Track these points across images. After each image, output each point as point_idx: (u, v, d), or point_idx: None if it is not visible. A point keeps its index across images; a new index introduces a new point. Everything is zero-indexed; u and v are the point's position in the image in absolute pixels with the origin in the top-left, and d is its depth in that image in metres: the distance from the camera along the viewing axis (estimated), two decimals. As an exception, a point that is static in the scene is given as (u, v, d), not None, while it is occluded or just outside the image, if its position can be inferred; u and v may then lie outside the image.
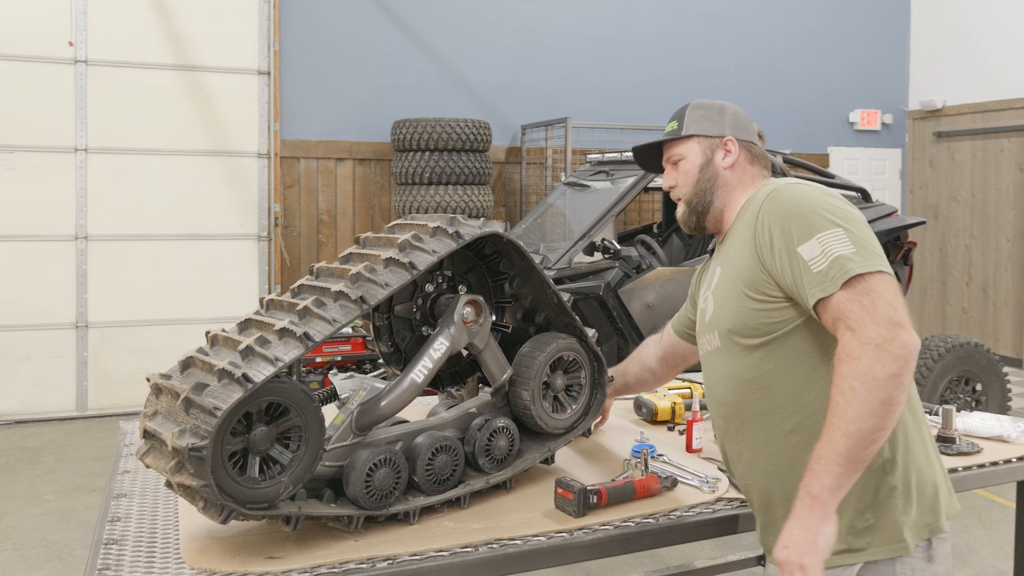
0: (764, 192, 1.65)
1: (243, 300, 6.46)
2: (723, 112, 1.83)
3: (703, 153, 1.79)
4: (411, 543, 1.67)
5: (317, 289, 1.74)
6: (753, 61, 8.21)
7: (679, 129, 1.82)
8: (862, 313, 1.39)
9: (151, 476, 2.05)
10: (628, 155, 5.29)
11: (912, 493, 1.57)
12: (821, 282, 1.44)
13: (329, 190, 7.03)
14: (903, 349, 1.36)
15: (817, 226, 1.49)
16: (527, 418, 2.01)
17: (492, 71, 7.42)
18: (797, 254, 1.49)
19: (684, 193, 1.82)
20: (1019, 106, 7.51)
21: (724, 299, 1.67)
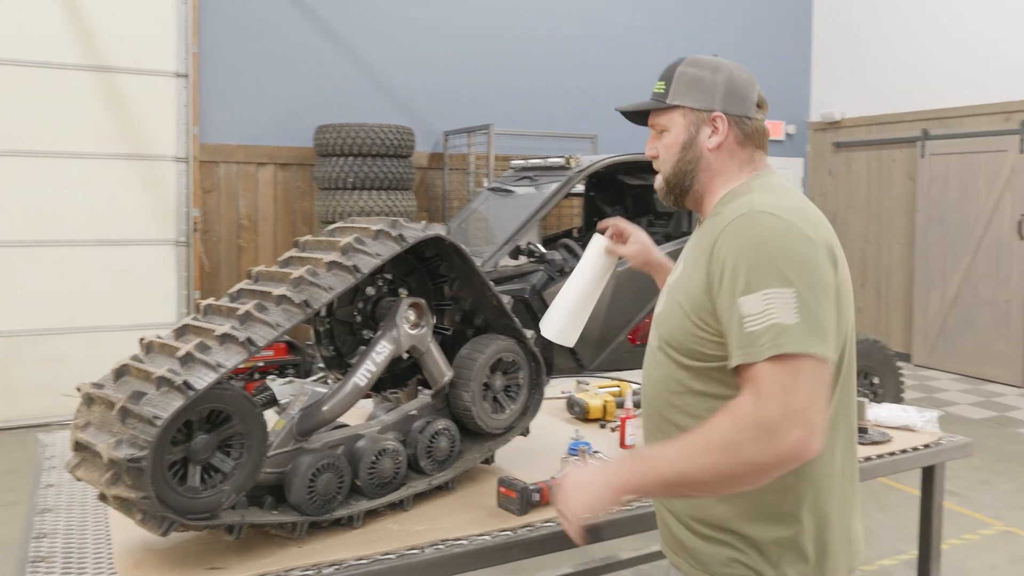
0: (736, 207, 1.39)
1: (162, 306, 6.21)
2: (716, 78, 1.50)
3: (687, 129, 1.51)
4: (356, 547, 1.63)
5: (257, 293, 1.68)
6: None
7: (665, 94, 1.54)
8: (777, 391, 1.22)
9: (77, 489, 1.94)
10: (552, 161, 5.33)
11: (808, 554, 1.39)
12: (748, 345, 1.26)
13: (250, 195, 6.84)
14: (791, 451, 1.21)
15: (768, 279, 1.27)
16: (467, 419, 1.99)
17: (414, 78, 7.37)
18: (737, 304, 1.28)
19: (663, 169, 1.57)
20: (909, 119, 7.92)
21: (671, 306, 1.47)
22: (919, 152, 7.80)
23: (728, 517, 1.40)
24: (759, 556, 1.39)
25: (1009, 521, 4.29)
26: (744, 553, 1.39)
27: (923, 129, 7.76)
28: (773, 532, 1.38)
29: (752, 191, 1.45)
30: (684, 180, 1.53)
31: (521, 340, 2.08)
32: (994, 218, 7.20)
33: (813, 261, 1.30)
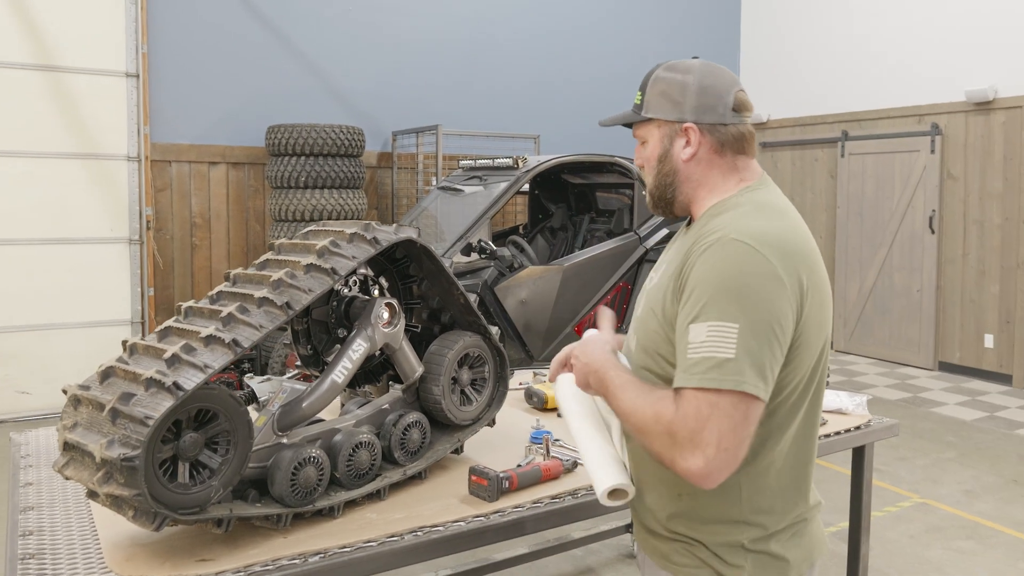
0: (721, 224, 1.35)
1: (115, 304, 6.05)
2: (685, 87, 1.42)
3: (661, 141, 1.46)
4: (339, 536, 1.66)
5: (238, 296, 1.69)
6: (605, 75, 8.53)
7: (641, 105, 1.48)
8: (692, 416, 1.24)
9: (57, 487, 1.91)
10: (500, 161, 5.38)
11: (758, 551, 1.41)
12: (685, 370, 1.27)
13: (202, 193, 6.70)
14: (683, 472, 1.25)
15: (718, 311, 1.25)
16: (437, 412, 2.04)
17: (363, 79, 7.32)
18: (687, 329, 1.28)
19: (647, 182, 1.52)
20: (830, 121, 8.22)
21: (647, 312, 1.45)
22: (839, 152, 8.10)
23: (687, 527, 1.42)
24: (712, 555, 1.40)
25: (924, 493, 4.53)
26: (702, 553, 1.41)
27: (843, 130, 8.06)
28: (729, 537, 1.39)
29: (738, 208, 1.38)
30: (666, 192, 1.48)
31: (486, 336, 2.12)
32: (908, 213, 7.53)
33: (768, 299, 1.26)
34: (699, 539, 1.41)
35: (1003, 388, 6.81)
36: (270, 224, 6.73)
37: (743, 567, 1.39)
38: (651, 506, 1.49)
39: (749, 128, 1.46)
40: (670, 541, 1.45)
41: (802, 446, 1.44)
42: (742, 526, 1.40)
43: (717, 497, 1.38)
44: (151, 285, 6.19)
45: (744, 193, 1.43)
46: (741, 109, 1.44)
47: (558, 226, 6.29)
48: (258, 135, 6.77)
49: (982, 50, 6.89)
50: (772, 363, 1.26)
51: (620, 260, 5.23)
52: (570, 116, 8.34)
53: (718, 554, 1.40)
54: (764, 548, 1.40)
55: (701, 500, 1.40)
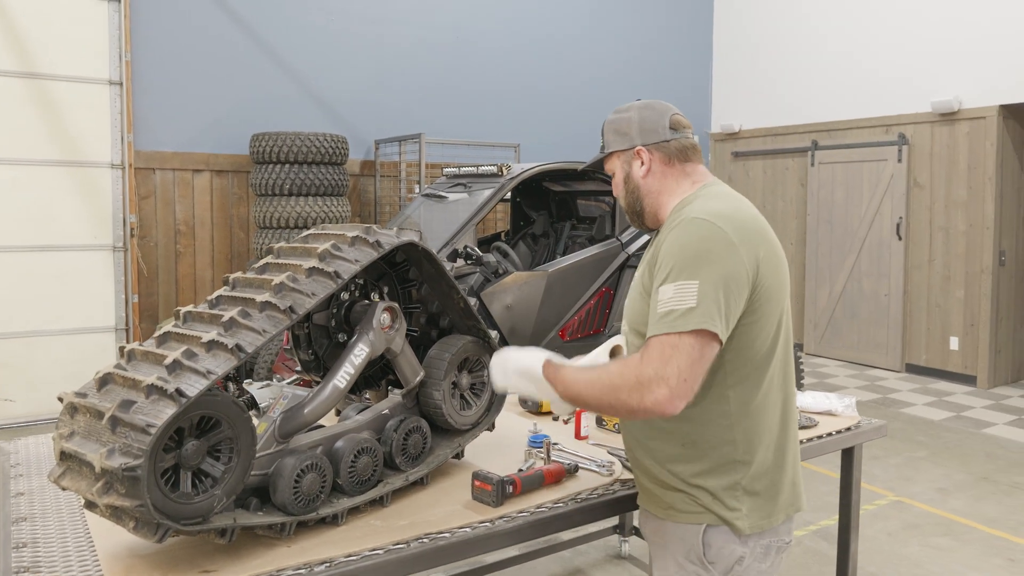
0: (686, 212, 1.59)
1: (99, 311, 5.89)
2: (630, 121, 1.72)
3: (622, 168, 1.74)
4: (343, 544, 1.59)
5: (239, 300, 1.61)
6: (583, 85, 8.52)
7: (604, 145, 1.78)
8: (657, 357, 1.43)
9: (50, 497, 1.82)
10: (484, 168, 5.33)
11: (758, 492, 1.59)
12: (655, 322, 1.47)
13: (186, 201, 6.56)
14: (653, 404, 1.42)
15: (681, 272, 1.48)
16: (437, 416, 1.97)
17: (346, 88, 7.23)
18: (657, 291, 1.51)
19: (622, 204, 1.79)
20: (801, 131, 8.28)
21: (634, 299, 1.68)
22: (809, 161, 8.16)
23: (691, 474, 1.60)
24: (717, 501, 1.58)
25: (899, 492, 4.54)
26: (705, 499, 1.59)
27: (813, 140, 8.12)
28: (727, 478, 1.58)
29: (696, 199, 1.63)
30: (635, 206, 1.74)
31: (486, 339, 2.07)
32: (876, 220, 7.60)
33: (723, 259, 1.48)
34: (701, 484, 1.59)
35: (968, 389, 6.88)
36: (254, 231, 6.61)
37: (740, 509, 1.58)
38: (655, 454, 1.65)
39: (690, 141, 1.72)
40: (673, 491, 1.63)
41: (782, 390, 1.65)
42: (738, 465, 1.58)
43: (716, 439, 1.58)
44: (135, 292, 6.04)
45: (700, 189, 1.67)
46: (677, 127, 1.71)
47: (540, 233, 6.25)
48: (242, 143, 6.65)
49: (947, 62, 6.98)
50: (728, 310, 1.47)
51: (603, 266, 5.20)
52: (549, 125, 8.31)
53: (719, 497, 1.58)
54: (756, 489, 1.59)
55: (701, 445, 1.59)
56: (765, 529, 1.60)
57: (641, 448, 1.69)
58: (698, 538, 1.59)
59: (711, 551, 1.59)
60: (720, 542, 1.58)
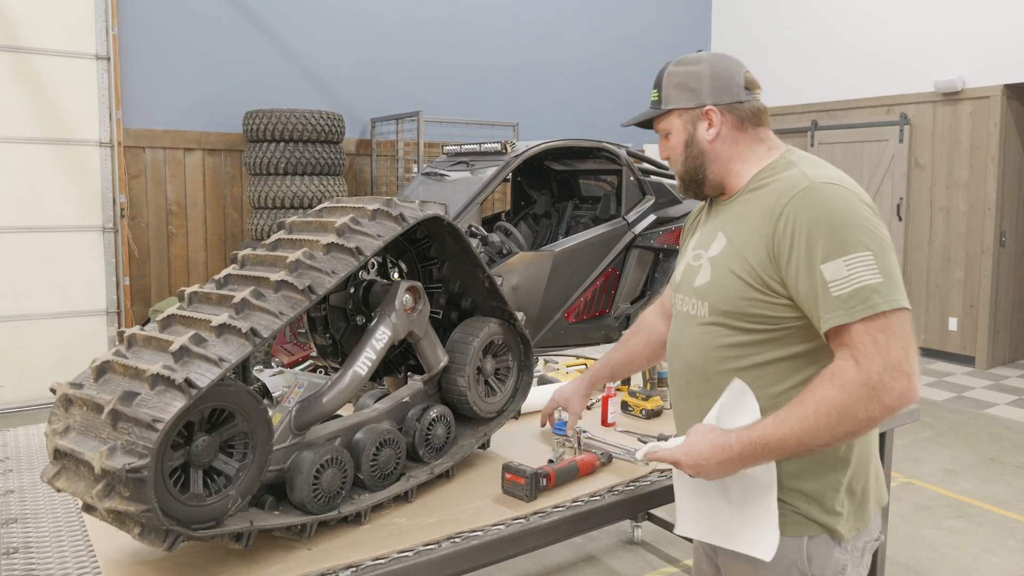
0: (792, 180, 1.36)
1: (89, 293, 5.68)
2: (699, 75, 1.48)
3: (685, 128, 1.50)
4: (369, 546, 1.43)
5: (250, 279, 1.44)
6: (582, 65, 8.32)
7: (660, 101, 1.53)
8: (873, 350, 1.22)
9: (43, 495, 1.65)
10: (487, 146, 5.14)
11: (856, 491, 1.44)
12: (838, 308, 1.25)
13: (178, 180, 6.34)
14: (897, 400, 1.21)
15: (846, 245, 1.26)
16: (462, 404, 1.82)
17: (341, 64, 6.99)
18: (819, 271, 1.27)
19: (676, 169, 1.56)
20: (801, 111, 8.12)
21: (723, 276, 1.43)
22: (809, 141, 8.01)
23: (785, 475, 1.39)
24: (815, 505, 1.40)
25: (908, 473, 4.44)
26: (802, 505, 1.40)
27: (813, 120, 7.97)
28: (826, 479, 1.40)
29: (796, 165, 1.42)
30: (697, 174, 1.52)
31: (511, 322, 1.91)
32: (876, 201, 7.46)
33: (876, 223, 1.30)
34: (796, 486, 1.40)
35: (967, 369, 6.80)
36: (248, 212, 6.41)
37: (841, 513, 1.40)
38: None
39: (762, 103, 1.52)
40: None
41: None
42: (839, 463, 1.40)
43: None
44: (126, 274, 5.83)
45: (788, 155, 1.47)
46: (752, 87, 1.51)
47: (541, 213, 6.08)
48: (235, 121, 6.42)
49: (951, 41, 6.83)
50: (900, 276, 1.29)
51: (609, 246, 5.04)
52: (549, 104, 8.11)
53: (817, 500, 1.39)
54: (855, 488, 1.42)
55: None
56: (862, 530, 1.43)
57: None
58: (801, 552, 1.39)
59: (815, 564, 1.39)
60: (823, 553, 1.39)
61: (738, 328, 1.40)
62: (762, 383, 1.38)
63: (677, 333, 1.56)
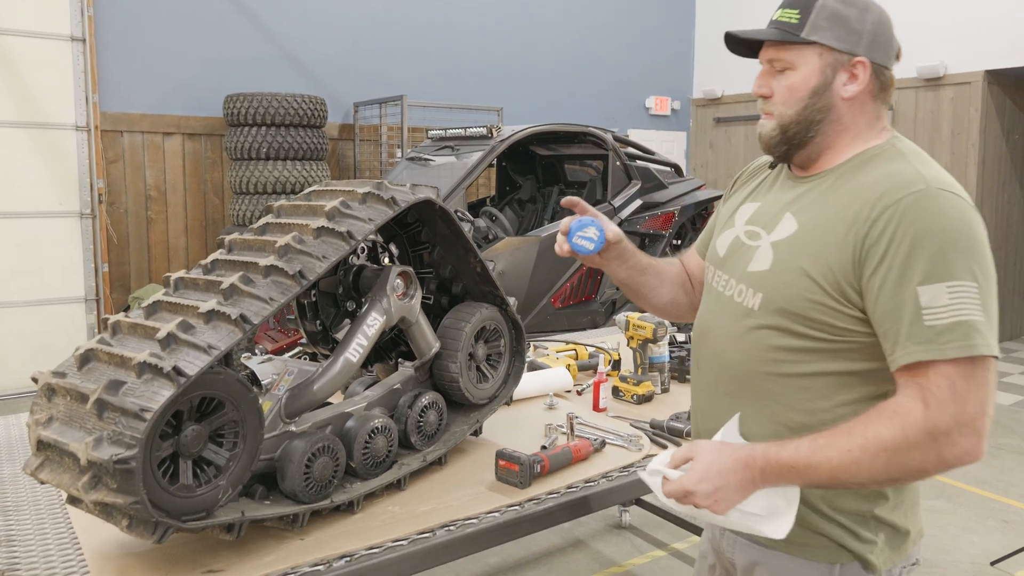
0: (904, 177, 1.16)
1: (67, 280, 5.57)
2: (864, 17, 1.23)
3: (822, 72, 1.22)
4: (363, 535, 1.41)
5: (238, 264, 1.41)
6: (566, 49, 8.26)
7: (799, 26, 1.22)
8: (949, 396, 1.06)
9: (25, 486, 1.61)
10: (473, 131, 5.09)
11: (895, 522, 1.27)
12: (929, 340, 1.07)
13: (157, 165, 6.22)
14: (957, 459, 1.07)
15: (953, 270, 1.08)
16: (453, 390, 1.79)
17: (323, 48, 6.89)
18: (913, 292, 1.09)
19: (781, 114, 1.25)
20: (783, 96, 8.12)
21: (789, 269, 1.21)
22: (792, 126, 8.02)
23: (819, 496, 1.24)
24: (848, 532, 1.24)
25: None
26: (834, 530, 1.24)
27: (796, 105, 7.98)
28: (865, 505, 1.24)
29: (906, 158, 1.21)
30: (807, 131, 1.24)
31: (503, 307, 1.88)
32: (857, 186, 7.51)
33: (987, 251, 1.12)
34: (832, 514, 1.23)
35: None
36: (230, 197, 6.31)
37: (875, 542, 1.24)
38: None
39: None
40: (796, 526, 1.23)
41: None
42: (876, 497, 1.23)
43: None
44: (105, 261, 5.73)
45: (896, 142, 1.25)
46: (898, 57, 1.28)
47: (527, 198, 6.04)
48: (215, 105, 6.30)
49: (933, 27, 6.85)
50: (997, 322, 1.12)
51: (595, 231, 5.01)
52: (532, 89, 8.05)
53: (850, 528, 1.23)
54: (890, 519, 1.25)
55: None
56: (897, 563, 1.27)
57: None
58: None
59: None
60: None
61: (795, 332, 1.20)
62: (806, 395, 1.20)
63: (711, 318, 1.35)
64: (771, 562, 1.29)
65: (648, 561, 3.29)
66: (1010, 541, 3.44)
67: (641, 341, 2.31)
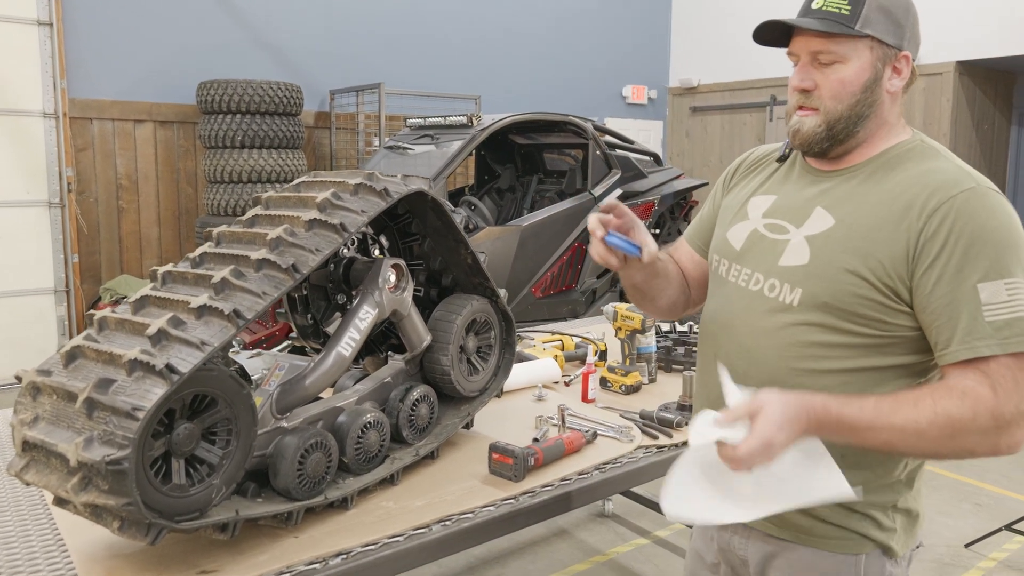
0: (951, 175, 1.17)
1: (36, 271, 5.45)
2: (908, 11, 1.23)
3: (873, 66, 1.20)
4: (358, 532, 1.39)
5: (228, 257, 1.37)
6: (544, 37, 8.21)
7: (852, 17, 1.18)
8: (1013, 387, 1.08)
9: (6, 485, 1.56)
10: (453, 119, 5.04)
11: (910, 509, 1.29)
12: (990, 336, 1.09)
13: (128, 153, 6.09)
14: (1009, 448, 1.09)
15: (1011, 268, 1.10)
16: (444, 383, 1.77)
17: (299, 34, 6.78)
18: (973, 288, 1.10)
19: (829, 109, 1.22)
20: (759, 86, 8.17)
21: (832, 264, 1.19)
22: (768, 116, 8.08)
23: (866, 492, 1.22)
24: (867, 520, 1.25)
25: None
26: (852, 521, 1.25)
27: (771, 95, 8.03)
28: (882, 497, 1.25)
29: (940, 155, 1.22)
30: (855, 126, 1.23)
31: (493, 299, 1.86)
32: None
33: None
34: (855, 506, 1.23)
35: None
36: (203, 186, 6.20)
37: (895, 529, 1.26)
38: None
39: None
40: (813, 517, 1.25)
41: None
42: (898, 485, 1.26)
43: (884, 462, 1.24)
44: (75, 251, 5.60)
45: (922, 138, 1.27)
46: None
47: (506, 187, 6.01)
48: (188, 92, 6.18)
49: (904, 17, 6.92)
50: None
51: (576, 220, 5.01)
52: (510, 76, 8.01)
53: (870, 515, 1.25)
54: (906, 505, 1.28)
55: (868, 457, 1.22)
56: (909, 547, 1.31)
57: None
58: (859, 570, 1.25)
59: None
60: (877, 569, 1.26)
61: (838, 328, 1.19)
62: (845, 389, 1.18)
63: (731, 313, 1.31)
64: (789, 555, 1.28)
65: (632, 549, 3.31)
66: (984, 524, 3.51)
67: (629, 332, 2.30)
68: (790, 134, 1.29)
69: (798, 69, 1.25)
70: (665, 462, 1.81)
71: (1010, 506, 3.78)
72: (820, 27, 1.19)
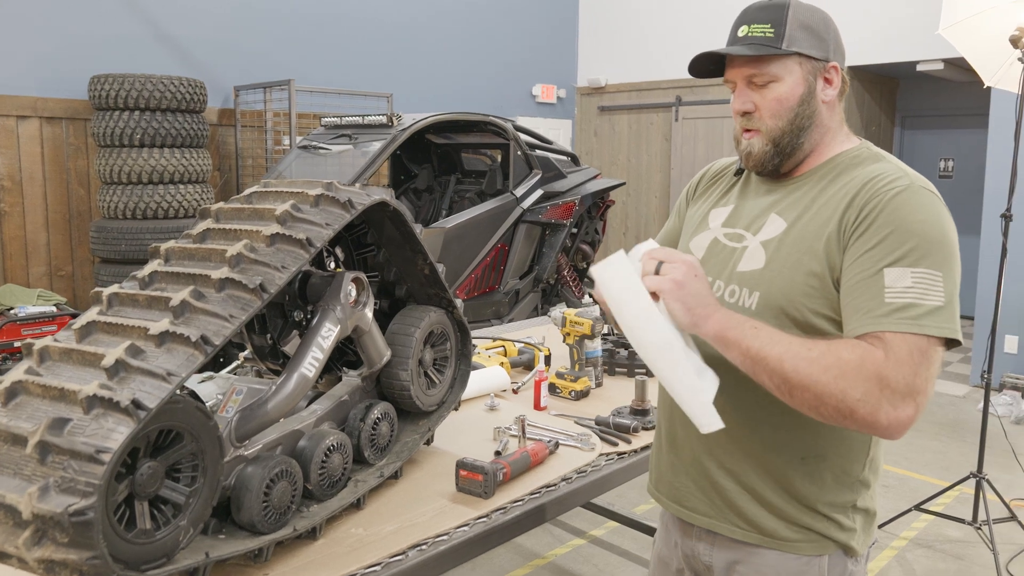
0: (890, 175, 1.22)
1: (-92, 283, 4.94)
2: (827, 23, 1.29)
3: (805, 80, 1.26)
4: (333, 565, 1.31)
5: (183, 276, 1.26)
6: (454, 35, 8.13)
7: (777, 39, 1.25)
8: (907, 361, 1.09)
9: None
10: (371, 118, 4.91)
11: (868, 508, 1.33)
12: (887, 316, 1.12)
13: (10, 152, 5.60)
14: (890, 423, 1.08)
15: (923, 258, 1.14)
16: (403, 399, 1.71)
17: (200, 28, 6.43)
18: (879, 272, 1.14)
19: (770, 127, 1.27)
20: (665, 87, 8.39)
21: (786, 266, 1.24)
22: (673, 116, 8.31)
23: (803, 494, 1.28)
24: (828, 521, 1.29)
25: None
26: (816, 521, 1.28)
27: (677, 96, 8.26)
28: (842, 497, 1.29)
29: (885, 159, 1.28)
30: (798, 138, 1.28)
31: (450, 310, 1.82)
32: (734, 174, 7.88)
33: (956, 251, 1.18)
34: (819, 508, 1.28)
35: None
36: (98, 187, 5.79)
37: (855, 529, 1.31)
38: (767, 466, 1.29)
39: None
40: (775, 514, 1.29)
41: None
42: (857, 485, 1.30)
43: (851, 454, 1.28)
44: (-47, 259, 5.11)
45: (869, 147, 1.32)
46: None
47: (423, 188, 5.92)
48: (78, 86, 5.74)
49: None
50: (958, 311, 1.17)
51: (499, 221, 4.99)
52: (423, 75, 7.89)
53: (830, 516, 1.29)
54: (865, 505, 1.32)
55: (830, 459, 1.27)
56: (867, 544, 1.34)
57: (747, 459, 1.30)
58: (823, 571, 1.29)
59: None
60: (840, 569, 1.30)
61: (797, 327, 1.22)
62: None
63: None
64: (754, 560, 1.31)
65: (569, 550, 3.32)
66: (893, 504, 3.73)
67: (578, 337, 2.30)
68: (742, 158, 1.35)
69: (736, 94, 1.31)
70: (627, 469, 1.82)
71: (913, 485, 4.03)
72: (750, 51, 1.25)
